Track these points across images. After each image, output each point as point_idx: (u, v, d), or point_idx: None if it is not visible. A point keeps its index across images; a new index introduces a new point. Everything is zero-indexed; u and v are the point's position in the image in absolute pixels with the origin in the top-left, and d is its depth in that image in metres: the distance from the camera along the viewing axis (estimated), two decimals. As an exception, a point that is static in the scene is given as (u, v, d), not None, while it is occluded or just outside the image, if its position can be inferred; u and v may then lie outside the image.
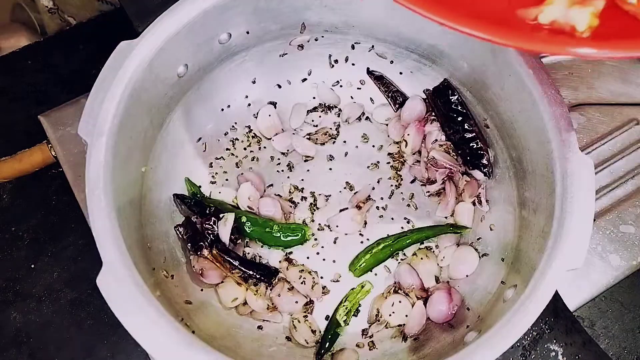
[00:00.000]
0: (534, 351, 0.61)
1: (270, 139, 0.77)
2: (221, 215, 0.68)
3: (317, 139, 0.77)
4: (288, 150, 0.76)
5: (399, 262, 0.71)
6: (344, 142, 0.77)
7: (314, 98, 0.79)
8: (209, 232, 0.66)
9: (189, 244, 0.66)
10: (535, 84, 0.59)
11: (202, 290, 0.66)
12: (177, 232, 0.68)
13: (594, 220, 0.69)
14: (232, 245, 0.68)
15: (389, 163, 0.76)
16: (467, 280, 0.68)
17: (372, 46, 0.75)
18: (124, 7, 0.74)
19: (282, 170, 0.76)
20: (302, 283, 0.68)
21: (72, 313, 0.70)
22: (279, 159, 0.76)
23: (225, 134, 0.76)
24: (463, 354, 0.51)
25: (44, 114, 0.76)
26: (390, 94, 0.77)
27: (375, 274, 0.70)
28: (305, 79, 0.79)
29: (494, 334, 0.51)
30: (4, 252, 0.73)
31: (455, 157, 0.73)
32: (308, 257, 0.71)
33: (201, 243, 0.65)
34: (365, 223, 0.72)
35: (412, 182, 0.75)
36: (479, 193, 0.71)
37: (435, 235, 0.71)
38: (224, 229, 0.67)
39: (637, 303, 0.72)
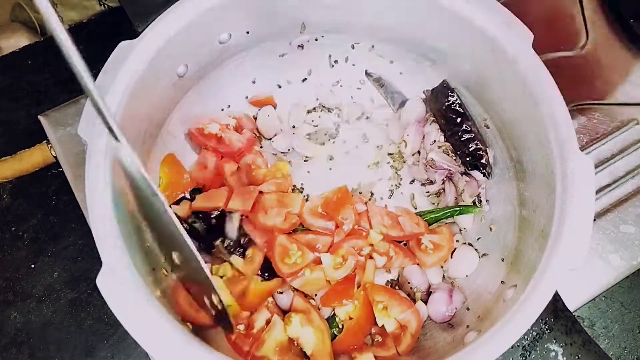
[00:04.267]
0: (534, 351, 0.60)
1: (270, 139, 0.77)
2: (228, 214, 0.68)
3: (317, 138, 0.77)
4: (288, 150, 0.76)
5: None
6: (344, 142, 0.77)
7: (314, 98, 0.79)
8: (217, 226, 0.67)
9: (201, 241, 0.67)
10: (535, 84, 0.59)
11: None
12: (187, 224, 0.68)
13: (594, 220, 0.70)
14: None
15: (389, 163, 0.76)
16: (467, 280, 0.68)
17: (372, 46, 0.75)
18: (124, 7, 0.74)
19: (282, 170, 0.76)
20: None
21: (72, 313, 0.70)
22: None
23: (225, 134, 0.76)
24: (463, 354, 0.51)
25: (44, 114, 0.76)
26: (389, 95, 0.77)
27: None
28: (305, 79, 0.79)
29: (494, 334, 0.51)
30: (4, 252, 0.73)
31: (454, 157, 0.73)
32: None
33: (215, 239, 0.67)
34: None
35: (412, 182, 0.75)
36: (479, 193, 0.71)
37: (445, 217, 0.71)
38: (231, 226, 0.67)
39: (637, 303, 0.72)
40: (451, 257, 0.69)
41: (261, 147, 0.77)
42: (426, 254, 0.68)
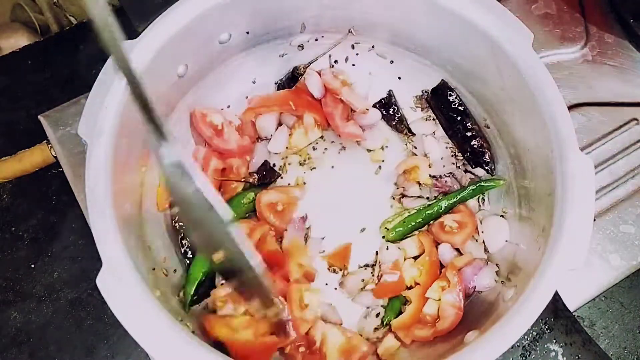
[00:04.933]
0: (534, 351, 0.60)
1: (266, 139, 0.76)
2: None
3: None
4: (286, 149, 0.76)
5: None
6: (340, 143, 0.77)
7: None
8: None
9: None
10: (535, 84, 0.59)
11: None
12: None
13: (594, 220, 0.70)
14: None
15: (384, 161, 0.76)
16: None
17: (372, 46, 0.75)
18: (124, 7, 0.75)
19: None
20: None
21: (72, 313, 0.70)
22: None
23: (225, 134, 0.76)
24: (463, 354, 0.51)
25: (44, 114, 0.76)
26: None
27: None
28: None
29: (494, 334, 0.51)
30: (4, 252, 0.73)
31: (456, 155, 0.73)
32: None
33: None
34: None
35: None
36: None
37: (470, 197, 0.70)
38: None
39: (637, 303, 0.72)
40: (482, 232, 0.69)
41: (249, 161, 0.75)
42: (452, 234, 0.68)
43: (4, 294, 0.71)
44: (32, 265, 0.73)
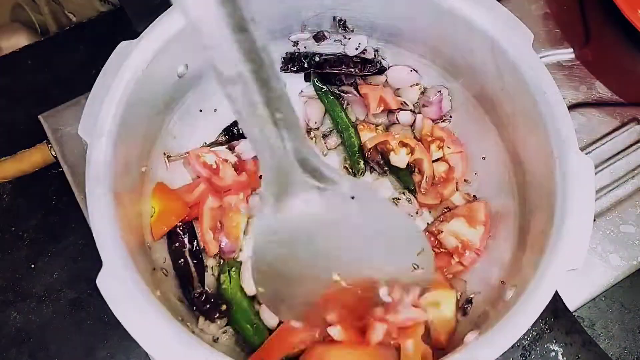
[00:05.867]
0: (534, 351, 0.61)
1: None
2: None
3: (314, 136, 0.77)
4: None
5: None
6: (344, 142, 0.77)
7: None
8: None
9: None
10: (535, 84, 0.59)
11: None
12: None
13: (594, 220, 0.70)
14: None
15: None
16: (467, 280, 0.68)
17: (373, 47, 0.75)
18: (124, 7, 0.75)
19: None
20: None
21: (72, 313, 0.70)
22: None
23: (225, 134, 0.76)
24: (463, 354, 0.51)
25: (44, 114, 0.76)
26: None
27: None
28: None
29: (494, 334, 0.51)
30: (4, 252, 0.73)
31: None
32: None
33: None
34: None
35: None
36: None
37: None
38: None
39: (637, 303, 0.72)
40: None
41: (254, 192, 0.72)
42: None
43: (4, 294, 0.71)
44: (32, 265, 0.73)
